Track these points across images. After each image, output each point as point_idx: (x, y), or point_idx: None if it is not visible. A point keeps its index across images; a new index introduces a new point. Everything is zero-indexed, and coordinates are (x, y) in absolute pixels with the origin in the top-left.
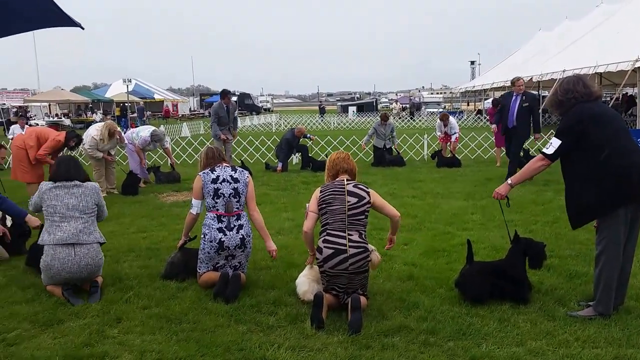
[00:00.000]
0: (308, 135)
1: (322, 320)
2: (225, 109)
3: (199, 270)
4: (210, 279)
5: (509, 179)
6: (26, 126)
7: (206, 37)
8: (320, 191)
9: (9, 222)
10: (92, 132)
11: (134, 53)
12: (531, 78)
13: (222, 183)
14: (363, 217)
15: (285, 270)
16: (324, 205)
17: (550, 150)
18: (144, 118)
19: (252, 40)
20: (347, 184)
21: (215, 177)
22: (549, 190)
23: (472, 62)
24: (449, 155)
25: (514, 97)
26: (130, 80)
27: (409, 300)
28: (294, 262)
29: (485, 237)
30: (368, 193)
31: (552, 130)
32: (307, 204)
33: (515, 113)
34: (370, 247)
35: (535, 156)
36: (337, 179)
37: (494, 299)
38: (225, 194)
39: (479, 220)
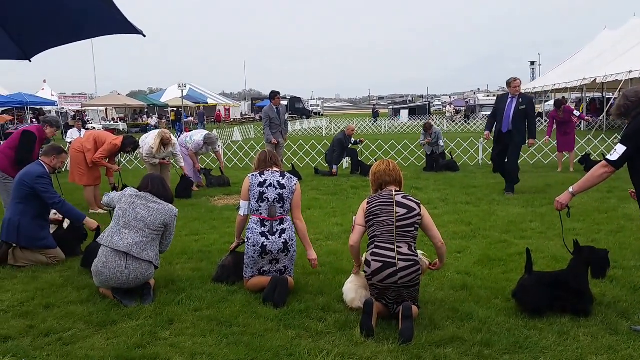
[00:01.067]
0: (358, 140)
1: (372, 328)
2: (275, 110)
3: (245, 275)
4: (258, 283)
5: (571, 187)
6: (83, 130)
7: (259, 41)
8: (367, 202)
9: (65, 224)
10: (149, 141)
11: (188, 58)
12: (595, 79)
13: (268, 187)
14: (413, 229)
15: (334, 276)
16: (372, 217)
17: (614, 157)
18: (204, 122)
19: (304, 44)
20: (396, 194)
21: (262, 180)
22: (613, 197)
23: (532, 63)
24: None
25: (509, 100)
26: (185, 85)
27: (463, 310)
28: (342, 268)
29: (544, 247)
30: (419, 205)
31: (616, 135)
32: (353, 216)
33: (511, 117)
34: (419, 252)
35: (597, 162)
36: (384, 190)
37: (554, 311)
38: (270, 199)
39: (538, 229)
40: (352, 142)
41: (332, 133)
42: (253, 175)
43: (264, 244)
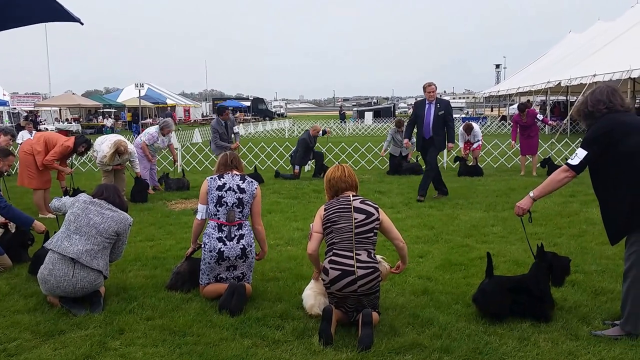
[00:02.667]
0: (324, 130)
1: (331, 336)
2: (224, 124)
3: (200, 282)
4: (215, 291)
5: (531, 191)
6: (34, 131)
7: (220, 41)
8: (325, 209)
9: (12, 228)
10: (104, 148)
11: (146, 57)
12: (559, 82)
13: (227, 191)
14: (372, 234)
15: (293, 282)
16: (329, 224)
17: (575, 161)
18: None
19: (267, 45)
20: (354, 199)
21: (221, 184)
22: (576, 201)
23: (497, 66)
24: (471, 164)
25: (427, 106)
26: (142, 85)
27: (423, 316)
28: (302, 274)
29: (506, 251)
30: (377, 209)
31: (579, 139)
32: (310, 224)
33: (431, 123)
34: (378, 257)
35: (560, 166)
36: (342, 196)
37: (514, 316)
38: (229, 203)
39: (500, 233)
40: (320, 134)
41: (295, 135)
42: (212, 178)
43: (221, 249)
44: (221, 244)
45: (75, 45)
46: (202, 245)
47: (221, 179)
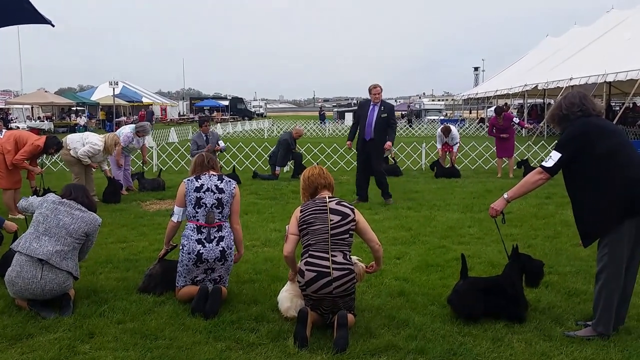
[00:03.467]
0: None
1: (306, 338)
2: (204, 137)
3: (177, 284)
4: (190, 293)
5: (506, 193)
6: (4, 130)
7: (199, 39)
8: (301, 211)
9: None
10: (94, 139)
11: (122, 54)
12: (536, 85)
13: (206, 192)
14: (347, 236)
15: (269, 284)
16: (305, 226)
17: (549, 163)
18: (153, 122)
19: (247, 44)
20: (330, 201)
21: (199, 185)
22: (551, 203)
23: (476, 69)
24: (448, 166)
25: (371, 107)
26: (117, 83)
27: (399, 317)
28: (279, 276)
29: (481, 252)
30: (353, 210)
31: (556, 141)
32: (286, 226)
33: (373, 124)
34: (354, 258)
35: (535, 168)
36: (318, 197)
37: (488, 317)
38: (208, 204)
39: (476, 234)
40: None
41: (274, 135)
42: (189, 180)
43: (200, 251)
44: (200, 245)
45: (49, 43)
46: (180, 247)
47: (198, 180)
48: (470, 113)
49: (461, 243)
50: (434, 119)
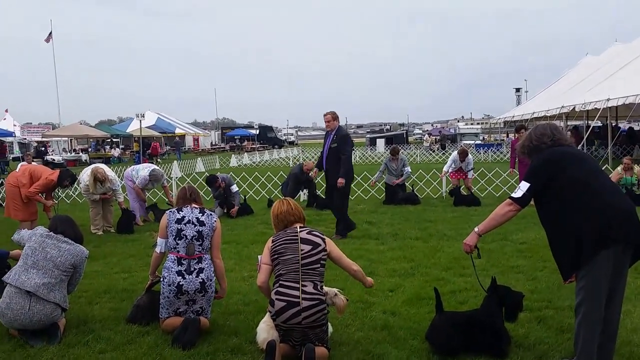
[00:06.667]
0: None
1: None
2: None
3: (160, 316)
4: (173, 325)
5: (477, 227)
6: (21, 163)
7: (232, 68)
8: (272, 241)
9: None
10: (84, 178)
11: (161, 87)
12: (574, 107)
13: (187, 224)
14: (318, 265)
15: (255, 316)
16: (277, 256)
17: (518, 194)
18: (181, 151)
19: (280, 69)
20: (301, 230)
21: (180, 217)
22: None
23: (518, 90)
24: (466, 193)
25: (328, 136)
26: (143, 116)
27: (375, 352)
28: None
29: (483, 284)
30: (324, 240)
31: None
32: (259, 256)
33: (325, 155)
34: (333, 291)
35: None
36: (289, 227)
37: (468, 353)
38: (188, 236)
39: (481, 266)
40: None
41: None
42: (170, 211)
43: (180, 283)
44: (180, 277)
45: (87, 78)
46: (162, 279)
47: (180, 212)
48: (507, 136)
49: (462, 275)
50: (469, 144)
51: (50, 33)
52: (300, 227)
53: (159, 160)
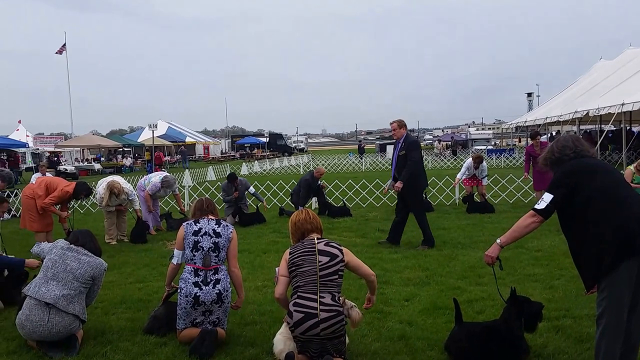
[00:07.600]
0: (320, 183)
1: None
2: (233, 188)
3: (177, 327)
4: (190, 336)
5: (499, 238)
6: (36, 175)
7: (241, 76)
8: (290, 253)
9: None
10: (101, 190)
11: (170, 96)
12: (587, 112)
13: (203, 236)
14: (336, 277)
15: (271, 326)
16: (294, 268)
17: (541, 205)
18: (187, 160)
19: (289, 77)
20: (318, 242)
21: (197, 229)
22: None
23: (529, 94)
24: (479, 200)
25: (396, 144)
26: (155, 126)
27: None
28: (282, 318)
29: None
30: (341, 251)
31: None
32: (276, 268)
33: (394, 163)
34: (349, 303)
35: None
36: (306, 239)
37: None
38: (205, 248)
39: (497, 274)
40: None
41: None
42: (188, 223)
43: (197, 294)
44: (197, 288)
45: (99, 88)
46: (179, 290)
47: (197, 224)
48: (520, 141)
49: (478, 284)
50: (480, 149)
51: (64, 45)
52: (317, 239)
53: (163, 169)
